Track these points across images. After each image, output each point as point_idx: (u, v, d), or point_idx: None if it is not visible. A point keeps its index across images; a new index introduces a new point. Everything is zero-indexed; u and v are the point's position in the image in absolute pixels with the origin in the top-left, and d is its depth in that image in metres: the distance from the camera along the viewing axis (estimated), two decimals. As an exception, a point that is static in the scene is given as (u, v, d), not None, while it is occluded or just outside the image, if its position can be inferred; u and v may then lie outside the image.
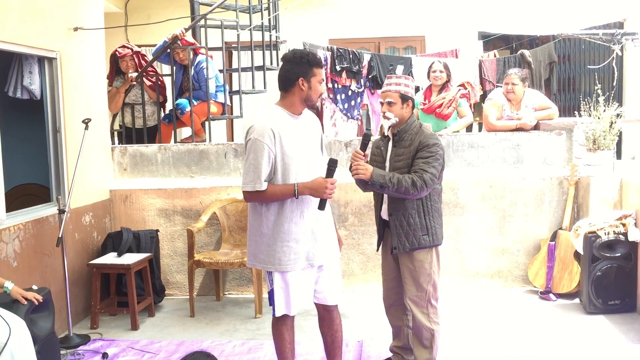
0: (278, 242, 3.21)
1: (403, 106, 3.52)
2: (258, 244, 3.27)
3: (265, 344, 4.31)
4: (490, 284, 5.39)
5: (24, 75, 4.75)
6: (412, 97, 3.56)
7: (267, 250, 3.23)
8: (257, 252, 3.28)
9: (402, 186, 3.32)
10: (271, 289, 3.31)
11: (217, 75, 6.05)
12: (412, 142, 3.47)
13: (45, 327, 3.49)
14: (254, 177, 3.11)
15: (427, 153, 3.39)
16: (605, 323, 4.52)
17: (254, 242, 3.30)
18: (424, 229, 3.46)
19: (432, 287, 3.52)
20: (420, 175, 3.33)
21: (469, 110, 5.91)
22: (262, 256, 3.26)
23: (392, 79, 3.58)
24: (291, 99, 3.22)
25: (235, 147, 5.61)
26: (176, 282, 5.58)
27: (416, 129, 3.52)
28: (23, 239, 4.22)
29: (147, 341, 4.46)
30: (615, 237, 4.64)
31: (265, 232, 3.23)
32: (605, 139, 5.13)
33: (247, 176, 3.13)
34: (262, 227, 3.23)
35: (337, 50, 6.89)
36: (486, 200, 5.35)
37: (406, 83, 3.55)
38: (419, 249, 3.47)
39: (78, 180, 4.67)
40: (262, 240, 3.24)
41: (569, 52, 8.81)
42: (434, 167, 3.38)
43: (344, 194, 5.39)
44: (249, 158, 3.13)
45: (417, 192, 3.33)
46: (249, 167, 3.13)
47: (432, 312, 3.54)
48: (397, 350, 3.84)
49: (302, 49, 3.47)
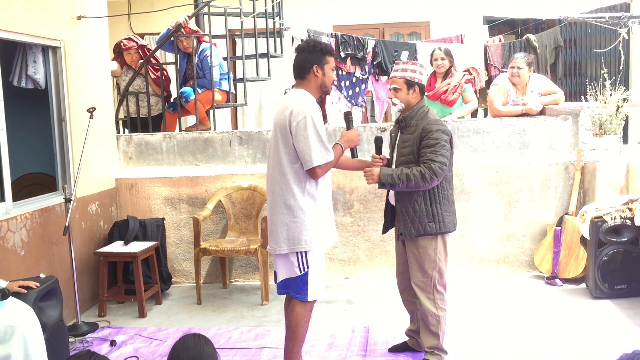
0: (321, 220, 3.31)
1: (409, 92, 3.51)
2: (298, 225, 3.27)
3: (272, 331, 4.33)
4: (496, 270, 5.39)
5: (28, 64, 4.75)
6: (419, 83, 3.55)
7: (310, 229, 3.27)
8: (295, 235, 3.28)
9: (412, 181, 3.34)
10: (305, 272, 3.30)
11: (221, 63, 6.04)
12: (416, 128, 3.47)
13: (53, 315, 3.52)
14: (324, 150, 3.23)
15: (432, 141, 3.39)
16: (612, 308, 4.52)
17: (291, 224, 3.28)
18: (430, 216, 3.45)
19: (437, 273, 3.53)
20: (429, 166, 3.34)
21: (474, 96, 5.88)
22: (304, 237, 3.27)
23: (400, 65, 3.58)
24: (308, 86, 3.35)
25: (240, 135, 5.60)
26: (183, 270, 5.61)
27: (422, 115, 3.51)
28: (30, 228, 4.25)
29: (154, 328, 4.49)
30: (621, 222, 4.63)
31: (309, 210, 3.27)
32: (611, 124, 5.10)
33: (317, 151, 3.19)
34: (307, 206, 3.26)
35: (341, 37, 6.86)
36: (492, 186, 5.33)
37: (412, 69, 3.53)
38: (424, 236, 3.48)
39: (84, 169, 4.69)
40: (305, 219, 3.27)
41: (574, 36, 8.73)
42: (441, 154, 3.37)
43: (349, 181, 5.39)
44: (310, 134, 3.18)
45: (428, 183, 3.35)
46: (314, 142, 3.18)
47: (439, 298, 3.55)
48: (412, 334, 3.87)
49: (315, 39, 3.56)
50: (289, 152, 3.25)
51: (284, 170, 3.27)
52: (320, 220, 3.31)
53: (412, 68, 3.54)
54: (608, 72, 5.38)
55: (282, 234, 3.30)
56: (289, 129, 3.22)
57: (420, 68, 3.59)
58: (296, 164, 3.25)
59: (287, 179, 3.26)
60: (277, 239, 3.33)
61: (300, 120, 3.19)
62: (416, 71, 3.54)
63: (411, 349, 3.85)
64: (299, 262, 3.30)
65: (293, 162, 3.26)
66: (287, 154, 3.26)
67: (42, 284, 3.50)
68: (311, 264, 3.30)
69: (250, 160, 5.58)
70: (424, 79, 3.63)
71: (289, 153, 3.25)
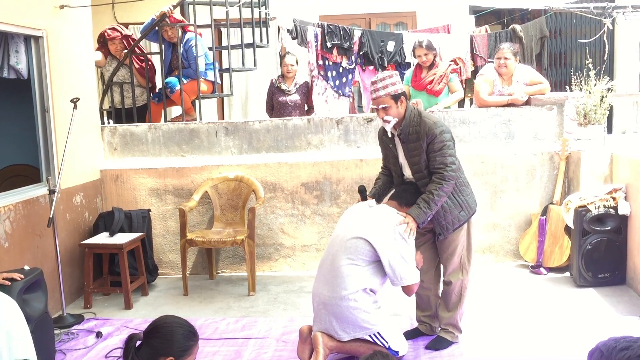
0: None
1: (398, 105, 3.51)
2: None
3: (259, 321, 4.33)
4: (481, 259, 5.42)
5: (10, 54, 4.67)
6: (403, 91, 3.54)
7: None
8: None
9: (440, 197, 3.45)
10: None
11: (206, 53, 5.99)
12: (418, 136, 3.50)
13: (38, 307, 3.49)
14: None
15: (438, 144, 3.46)
16: (595, 295, 4.57)
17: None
18: (459, 207, 3.59)
19: (467, 252, 3.71)
20: (442, 176, 3.45)
21: (459, 86, 5.89)
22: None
23: (378, 83, 3.50)
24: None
25: (226, 126, 5.58)
26: (169, 262, 5.59)
27: (417, 120, 3.52)
28: (14, 219, 4.21)
29: (141, 320, 4.47)
30: (605, 211, 4.67)
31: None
32: (596, 114, 5.14)
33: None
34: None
35: (327, 27, 6.84)
36: (477, 176, 5.36)
37: (392, 81, 3.49)
38: (460, 226, 3.62)
39: (68, 160, 4.64)
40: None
41: (560, 26, 8.77)
42: (449, 155, 3.47)
43: (335, 171, 5.39)
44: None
45: (450, 187, 3.47)
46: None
47: (467, 276, 3.74)
48: (425, 319, 3.93)
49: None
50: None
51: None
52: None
53: (391, 81, 3.48)
54: (593, 62, 5.41)
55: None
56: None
57: (396, 77, 3.53)
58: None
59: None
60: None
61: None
62: (395, 82, 3.49)
63: (423, 334, 3.92)
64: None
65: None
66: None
67: (26, 275, 3.46)
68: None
69: (237, 151, 5.56)
70: (402, 85, 3.62)
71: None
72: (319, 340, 3.40)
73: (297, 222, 5.49)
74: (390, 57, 6.99)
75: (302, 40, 6.83)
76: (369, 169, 5.28)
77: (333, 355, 3.56)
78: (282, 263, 5.57)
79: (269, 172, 5.46)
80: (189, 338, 2.43)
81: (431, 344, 3.78)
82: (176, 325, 2.44)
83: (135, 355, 2.35)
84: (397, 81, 3.52)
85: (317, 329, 3.49)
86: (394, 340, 3.49)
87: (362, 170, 5.35)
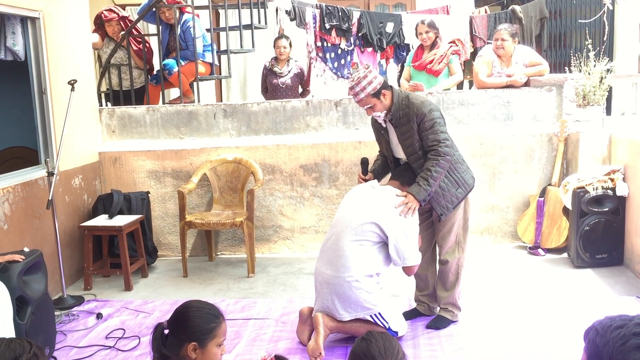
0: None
1: (381, 99, 3.52)
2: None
3: (258, 302, 4.36)
4: (480, 240, 5.44)
5: (7, 36, 4.64)
6: (383, 84, 3.51)
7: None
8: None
9: (439, 173, 3.47)
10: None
11: (204, 35, 5.95)
12: (409, 117, 3.51)
13: (38, 288, 3.51)
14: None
15: (428, 122, 3.47)
16: (593, 276, 4.60)
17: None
18: (455, 185, 3.60)
19: (463, 230, 3.75)
20: (437, 152, 3.46)
21: (459, 68, 5.87)
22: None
23: (355, 87, 3.47)
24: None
25: (225, 108, 5.56)
26: (168, 244, 5.61)
27: (405, 102, 3.53)
28: (13, 202, 4.21)
29: (141, 301, 4.50)
30: (603, 192, 4.68)
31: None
32: (595, 95, 5.12)
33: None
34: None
35: (326, 8, 6.78)
36: (476, 157, 5.36)
37: (368, 80, 3.46)
38: (459, 204, 3.65)
39: (66, 142, 4.64)
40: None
41: (560, 7, 8.70)
42: (441, 132, 3.50)
43: (334, 153, 5.39)
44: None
45: (446, 163, 3.49)
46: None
47: (462, 254, 3.77)
48: (423, 299, 3.96)
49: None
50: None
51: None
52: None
53: (367, 81, 3.45)
54: (592, 43, 5.38)
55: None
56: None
57: (370, 73, 3.49)
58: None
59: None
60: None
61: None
62: (371, 80, 3.46)
63: (421, 314, 3.96)
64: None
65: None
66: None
67: (26, 257, 3.47)
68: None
69: (235, 133, 5.55)
70: (381, 77, 3.58)
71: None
72: (320, 320, 3.43)
73: (296, 204, 5.50)
74: (389, 38, 6.95)
75: (300, 21, 6.79)
76: (367, 151, 5.27)
77: (332, 336, 3.59)
78: (281, 245, 5.59)
79: (267, 154, 5.46)
80: (209, 321, 2.39)
81: (432, 323, 3.82)
82: (193, 309, 2.39)
83: (163, 345, 2.30)
84: (373, 77, 3.47)
85: (318, 308, 3.52)
86: (394, 321, 3.52)
87: (361, 152, 5.34)
